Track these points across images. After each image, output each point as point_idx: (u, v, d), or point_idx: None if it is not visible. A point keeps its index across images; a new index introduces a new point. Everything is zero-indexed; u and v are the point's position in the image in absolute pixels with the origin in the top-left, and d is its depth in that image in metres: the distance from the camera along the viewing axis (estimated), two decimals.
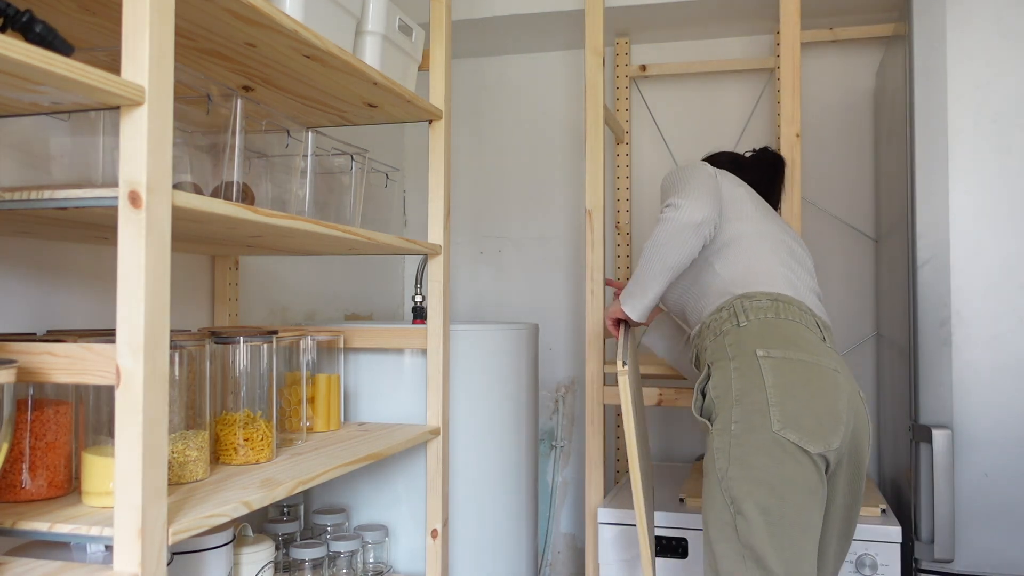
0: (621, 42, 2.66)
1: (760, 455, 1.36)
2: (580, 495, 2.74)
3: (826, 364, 1.43)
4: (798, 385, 1.39)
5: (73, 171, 1.13)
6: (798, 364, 1.41)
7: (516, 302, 2.84)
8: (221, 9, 1.11)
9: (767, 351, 1.43)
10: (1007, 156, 1.72)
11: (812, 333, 1.49)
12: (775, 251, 1.61)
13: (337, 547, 1.72)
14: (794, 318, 1.49)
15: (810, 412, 1.38)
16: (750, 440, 1.37)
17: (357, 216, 1.64)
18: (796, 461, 1.35)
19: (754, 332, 1.47)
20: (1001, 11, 1.73)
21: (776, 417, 1.37)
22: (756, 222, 1.64)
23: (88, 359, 0.93)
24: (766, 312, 1.49)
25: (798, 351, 1.43)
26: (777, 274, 1.57)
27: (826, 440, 1.37)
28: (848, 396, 1.43)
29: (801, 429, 1.36)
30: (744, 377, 1.42)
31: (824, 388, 1.40)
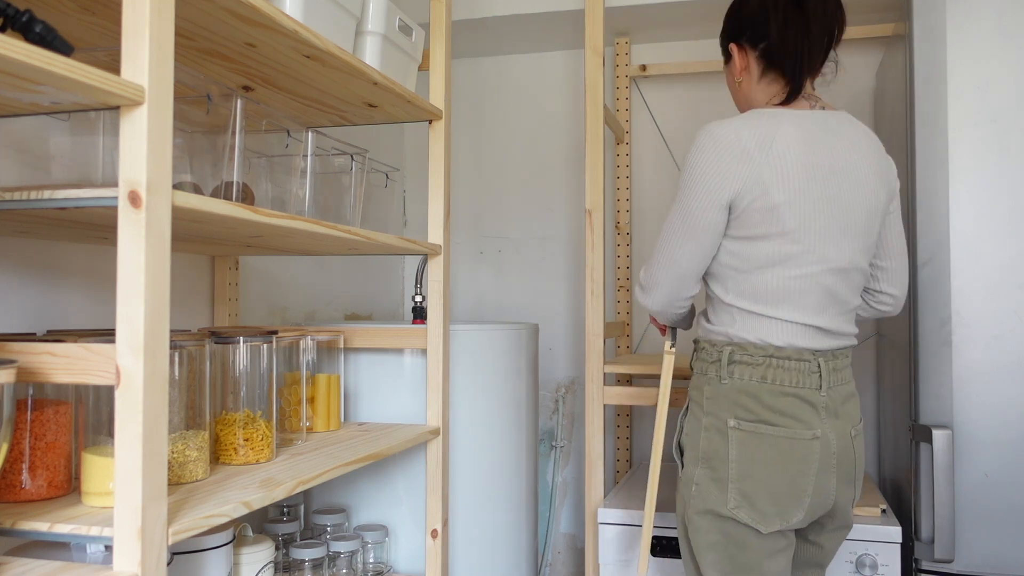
0: (621, 42, 2.66)
1: (714, 524, 1.39)
2: (580, 495, 2.74)
3: (802, 434, 1.37)
4: (761, 462, 1.36)
5: (73, 171, 1.13)
6: (766, 438, 1.37)
7: (516, 302, 2.84)
8: (221, 9, 1.11)
9: (738, 422, 1.38)
10: (1007, 156, 1.72)
11: (803, 401, 1.38)
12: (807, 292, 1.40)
13: (337, 547, 1.72)
14: (783, 381, 1.38)
15: (767, 494, 1.36)
16: (704, 507, 1.40)
17: (357, 216, 1.64)
18: (747, 536, 1.37)
19: (732, 395, 1.39)
20: (1001, 11, 1.73)
21: (732, 494, 1.37)
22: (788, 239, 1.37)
23: (88, 359, 0.93)
24: (752, 373, 1.39)
25: (771, 424, 1.37)
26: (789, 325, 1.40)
27: (782, 518, 1.37)
28: (823, 459, 1.38)
29: (754, 510, 1.36)
30: (712, 441, 1.40)
31: (790, 463, 1.36)
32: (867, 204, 1.43)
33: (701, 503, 1.40)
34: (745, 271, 1.40)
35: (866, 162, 1.44)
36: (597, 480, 2.07)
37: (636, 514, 1.97)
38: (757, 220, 1.37)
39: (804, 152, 1.37)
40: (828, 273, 1.40)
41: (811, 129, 1.39)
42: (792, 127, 1.38)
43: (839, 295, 1.43)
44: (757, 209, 1.36)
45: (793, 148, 1.36)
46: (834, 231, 1.40)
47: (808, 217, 1.37)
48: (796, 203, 1.36)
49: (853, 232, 1.42)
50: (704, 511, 1.40)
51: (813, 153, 1.38)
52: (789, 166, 1.36)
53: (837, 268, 1.41)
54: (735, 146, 1.36)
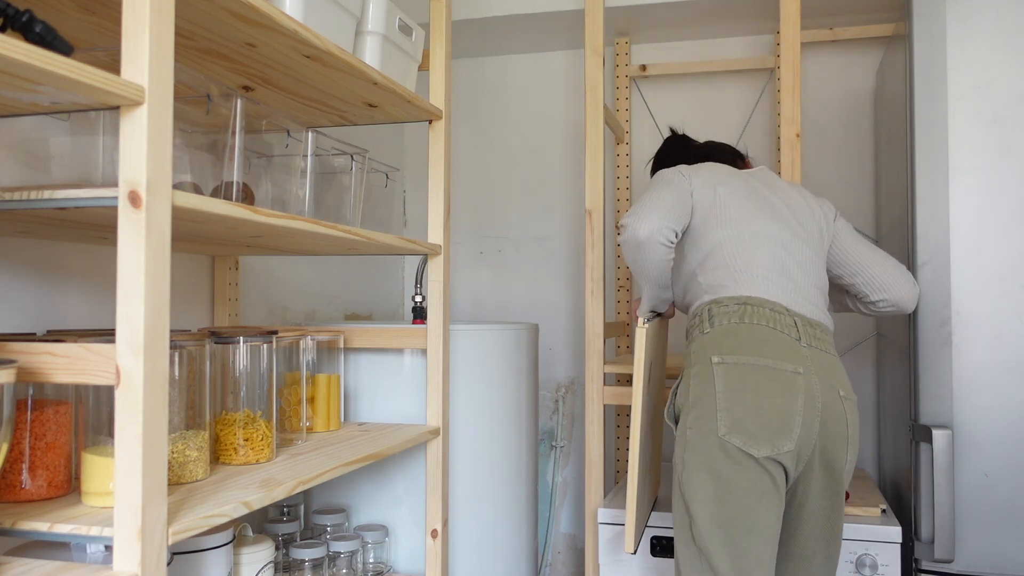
0: (621, 42, 2.66)
1: (708, 459, 1.41)
2: (580, 495, 2.74)
3: (784, 367, 1.44)
4: (746, 390, 1.42)
5: (73, 171, 1.13)
6: (749, 368, 1.44)
7: (516, 302, 2.84)
8: (221, 9, 1.11)
9: (721, 357, 1.46)
10: (1007, 156, 1.72)
11: (781, 335, 1.48)
12: (757, 251, 1.58)
13: (337, 547, 1.72)
14: (760, 320, 1.49)
15: (756, 416, 1.40)
16: (699, 445, 1.43)
17: (357, 216, 1.64)
18: (740, 465, 1.40)
19: (715, 338, 1.49)
20: (1001, 11, 1.73)
21: (722, 421, 1.41)
22: (741, 224, 1.61)
23: (88, 359, 0.93)
24: (730, 317, 1.50)
25: (754, 355, 1.45)
26: (755, 276, 1.55)
27: (773, 443, 1.40)
28: (808, 398, 1.44)
29: (745, 433, 1.40)
30: (699, 384, 1.47)
31: (775, 390, 1.42)
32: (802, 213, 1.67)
33: (695, 439, 1.44)
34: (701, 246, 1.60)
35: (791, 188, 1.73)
36: (597, 480, 2.07)
37: None
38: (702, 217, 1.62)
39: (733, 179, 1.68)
40: (775, 242, 1.58)
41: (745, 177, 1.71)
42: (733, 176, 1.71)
43: (792, 275, 1.57)
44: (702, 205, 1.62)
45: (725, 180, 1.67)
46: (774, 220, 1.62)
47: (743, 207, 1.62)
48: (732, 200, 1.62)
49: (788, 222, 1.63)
50: (696, 447, 1.43)
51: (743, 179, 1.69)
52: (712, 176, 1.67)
53: (781, 240, 1.59)
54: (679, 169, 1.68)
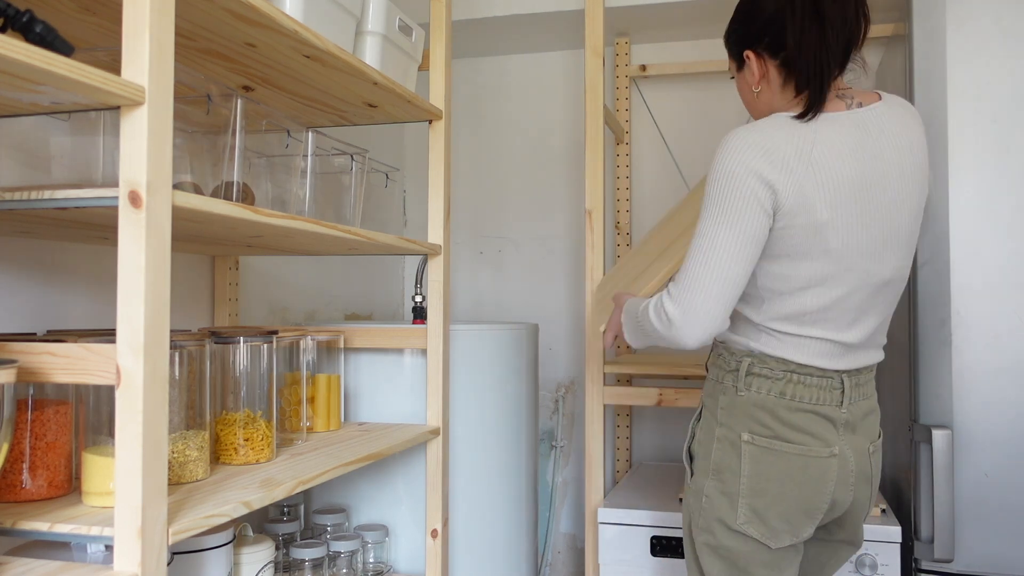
0: (621, 42, 2.66)
1: (722, 536, 1.35)
2: (580, 495, 2.74)
3: (819, 452, 1.32)
4: (775, 479, 1.31)
5: (73, 171, 1.13)
6: (782, 456, 1.31)
7: (516, 302, 2.84)
8: (221, 9, 1.11)
9: (753, 436, 1.32)
10: (1007, 156, 1.72)
11: (823, 408, 1.33)
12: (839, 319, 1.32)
13: (337, 547, 1.72)
14: (803, 396, 1.32)
15: (779, 511, 1.32)
16: (714, 520, 1.36)
17: (357, 216, 1.64)
18: (755, 549, 1.34)
19: (747, 408, 1.34)
20: (1001, 11, 1.73)
21: (742, 511, 1.33)
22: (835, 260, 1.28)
23: (88, 359, 0.93)
24: (771, 388, 1.33)
25: (789, 443, 1.31)
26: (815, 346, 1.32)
27: (794, 534, 1.33)
28: (840, 476, 1.34)
29: (764, 526, 1.32)
30: (725, 453, 1.35)
31: (805, 481, 1.31)
32: (910, 207, 1.33)
33: (711, 514, 1.36)
34: (783, 292, 1.30)
35: (910, 160, 1.32)
36: (597, 480, 2.07)
37: (636, 514, 1.97)
38: (799, 238, 1.26)
39: (846, 162, 1.26)
40: (868, 288, 1.32)
41: (852, 133, 1.28)
42: (831, 133, 1.26)
43: (875, 308, 1.35)
44: (800, 226, 1.25)
45: (835, 158, 1.25)
46: (878, 245, 1.30)
47: (851, 233, 1.27)
48: (840, 219, 1.25)
49: (896, 241, 1.32)
50: (713, 522, 1.36)
51: (857, 161, 1.26)
52: (832, 178, 1.24)
53: (879, 282, 1.32)
54: (772, 152, 1.24)
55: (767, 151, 1.24)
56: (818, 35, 1.28)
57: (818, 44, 1.29)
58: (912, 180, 1.32)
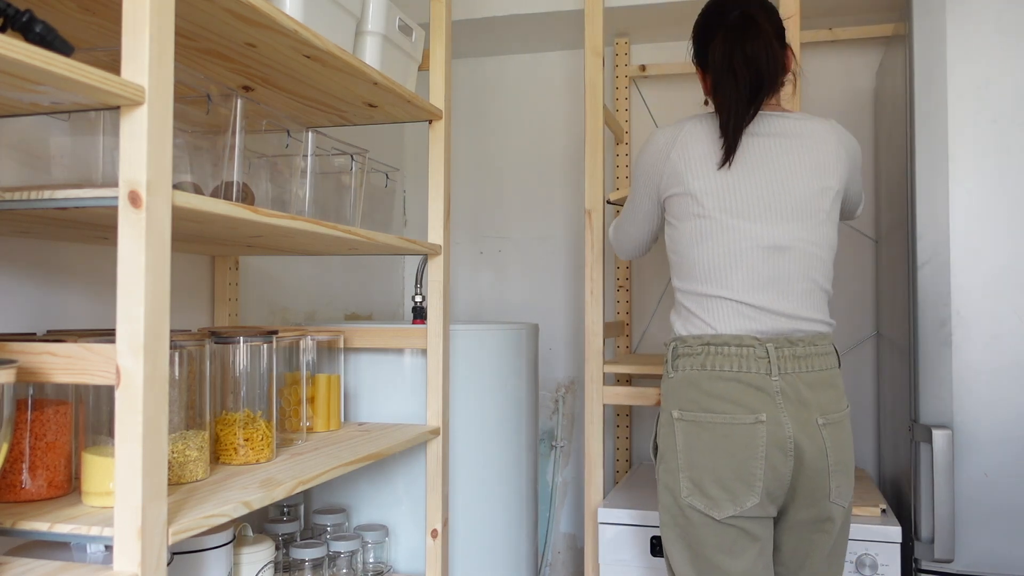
0: (621, 42, 2.66)
1: (677, 516, 1.45)
2: (580, 495, 2.74)
3: (743, 419, 1.39)
4: (705, 450, 1.41)
5: (73, 171, 1.13)
6: (706, 426, 1.42)
7: (516, 302, 2.84)
8: (221, 9, 1.11)
9: (681, 412, 1.45)
10: (1007, 156, 1.72)
11: (745, 376, 1.41)
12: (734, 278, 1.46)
13: (337, 547, 1.72)
14: (723, 365, 1.43)
15: (714, 478, 1.40)
16: (669, 502, 1.46)
17: (357, 216, 1.64)
18: (706, 525, 1.41)
19: (677, 387, 1.48)
20: (1001, 11, 1.73)
21: (684, 483, 1.43)
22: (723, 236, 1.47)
23: (88, 359, 0.93)
24: (693, 363, 1.46)
25: (711, 411, 1.42)
26: (726, 310, 1.46)
27: (735, 503, 1.39)
28: (773, 443, 1.38)
29: (705, 496, 1.41)
30: (666, 436, 1.49)
31: (734, 448, 1.39)
32: (800, 184, 1.48)
33: (665, 496, 1.47)
34: (677, 252, 1.53)
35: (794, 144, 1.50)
36: (597, 480, 2.07)
37: (636, 514, 1.97)
38: (680, 206, 1.52)
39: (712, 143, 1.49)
40: (757, 251, 1.46)
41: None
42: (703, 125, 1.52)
43: (778, 275, 1.46)
44: (679, 195, 1.51)
45: (701, 139, 1.50)
46: (755, 210, 1.47)
47: (722, 196, 1.47)
48: (708, 185, 1.48)
49: (782, 214, 1.47)
50: (667, 502, 1.47)
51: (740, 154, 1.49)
52: (697, 153, 1.49)
53: (768, 246, 1.46)
54: (656, 148, 1.55)
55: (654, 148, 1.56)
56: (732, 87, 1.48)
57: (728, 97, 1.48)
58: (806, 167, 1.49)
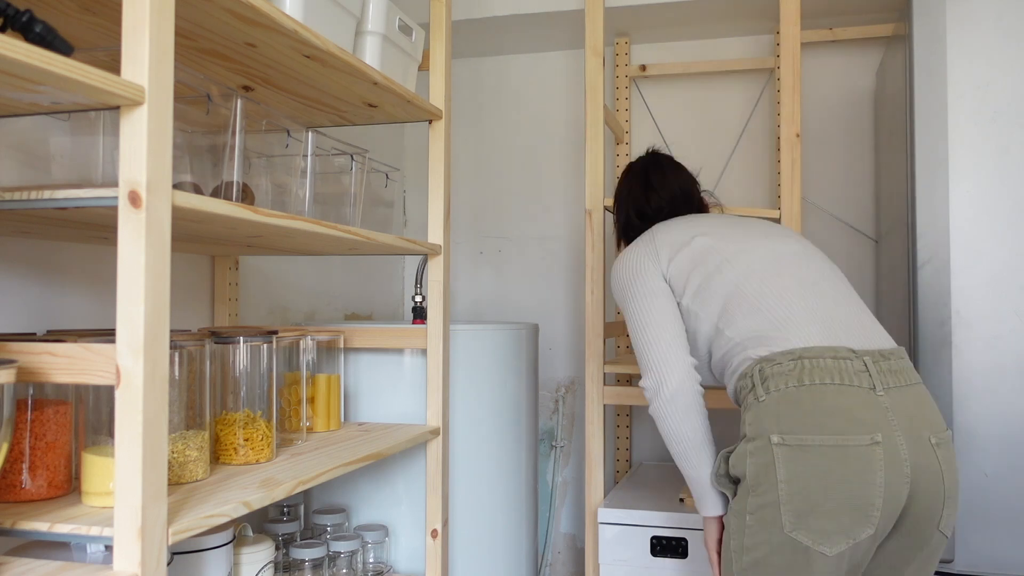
0: (621, 42, 2.66)
1: (772, 554, 1.26)
2: (580, 495, 2.74)
3: (859, 440, 1.23)
4: (813, 476, 1.23)
5: (73, 171, 1.13)
6: (816, 451, 1.24)
7: (516, 302, 2.84)
8: (221, 9, 1.11)
9: (782, 436, 1.26)
10: (1007, 156, 1.72)
11: (852, 390, 1.27)
12: (787, 287, 1.39)
13: (337, 547, 1.72)
14: (824, 378, 1.27)
15: (827, 509, 1.22)
16: (762, 537, 1.27)
17: (357, 216, 1.64)
18: (810, 563, 1.23)
19: (772, 409, 1.29)
20: (1001, 11, 1.73)
21: (787, 517, 1.24)
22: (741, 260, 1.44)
23: (88, 359, 0.93)
24: (787, 380, 1.29)
25: (820, 432, 1.24)
26: (797, 314, 1.35)
27: (849, 536, 1.22)
28: (891, 468, 1.23)
29: (815, 530, 1.22)
30: (758, 465, 1.28)
31: (849, 475, 1.22)
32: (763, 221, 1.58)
33: (757, 530, 1.28)
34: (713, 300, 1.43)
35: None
36: (597, 480, 2.07)
37: (636, 514, 1.97)
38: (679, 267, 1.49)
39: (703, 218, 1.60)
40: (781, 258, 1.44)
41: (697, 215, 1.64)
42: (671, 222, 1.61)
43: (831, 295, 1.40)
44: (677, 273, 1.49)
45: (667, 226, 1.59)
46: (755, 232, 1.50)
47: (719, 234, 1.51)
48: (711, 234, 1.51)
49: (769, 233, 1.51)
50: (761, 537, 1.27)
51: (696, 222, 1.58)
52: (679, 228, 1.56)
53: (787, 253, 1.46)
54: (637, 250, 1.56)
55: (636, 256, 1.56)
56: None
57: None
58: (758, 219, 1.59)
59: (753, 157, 2.61)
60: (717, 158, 2.64)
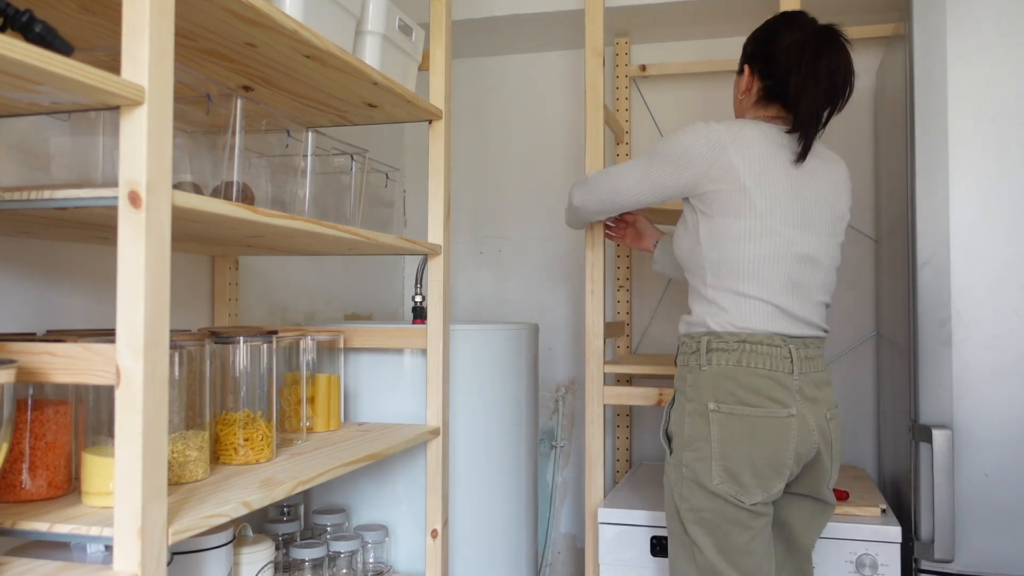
0: (621, 42, 2.66)
1: (704, 500, 1.49)
2: (580, 495, 2.74)
3: (778, 412, 1.48)
4: (740, 440, 1.47)
5: (73, 171, 1.13)
6: (743, 418, 1.48)
7: (516, 302, 2.84)
8: (221, 9, 1.11)
9: (717, 404, 1.50)
10: (1007, 156, 1.72)
11: (776, 375, 1.49)
12: (772, 282, 1.52)
13: (337, 547, 1.72)
14: (757, 363, 1.50)
15: (748, 466, 1.47)
16: (695, 486, 1.50)
17: (357, 216, 1.64)
18: (735, 508, 1.47)
19: (712, 380, 1.51)
20: (1001, 11, 1.73)
21: (716, 471, 1.48)
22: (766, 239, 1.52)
23: (88, 359, 0.93)
24: (728, 358, 1.51)
25: (748, 405, 1.48)
26: (761, 311, 1.52)
27: (764, 489, 1.47)
28: (801, 435, 1.49)
29: (737, 483, 1.47)
30: (695, 425, 1.52)
31: (768, 439, 1.47)
32: (829, 206, 1.59)
33: (691, 480, 1.51)
34: (717, 247, 1.54)
35: (827, 170, 1.60)
36: (597, 480, 2.07)
37: (636, 514, 1.97)
38: (728, 203, 1.52)
39: (768, 148, 1.53)
40: (793, 258, 1.53)
41: (777, 138, 1.56)
42: (759, 130, 1.55)
43: (804, 283, 1.55)
44: (727, 191, 1.52)
45: (759, 142, 1.53)
46: (798, 219, 1.54)
47: (775, 200, 1.52)
48: (763, 187, 1.51)
49: (816, 227, 1.56)
50: (692, 487, 1.50)
51: (778, 150, 1.54)
52: (755, 154, 1.52)
53: (803, 255, 1.54)
54: (713, 138, 1.54)
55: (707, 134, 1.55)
56: (812, 93, 1.53)
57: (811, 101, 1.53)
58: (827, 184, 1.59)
59: None
60: None
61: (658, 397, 2.06)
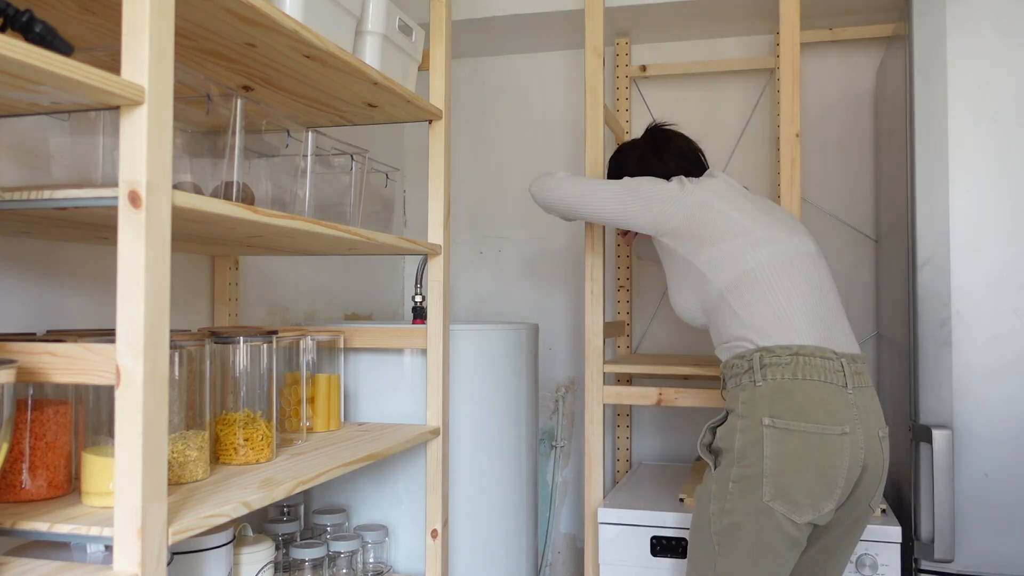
0: (621, 42, 2.66)
1: (748, 519, 1.45)
2: (580, 495, 2.74)
3: (833, 430, 1.45)
4: (795, 458, 1.44)
5: (73, 171, 1.13)
6: (800, 436, 1.45)
7: (516, 302, 2.84)
8: (221, 9, 1.11)
9: (772, 420, 1.46)
10: (1007, 156, 1.72)
11: (832, 388, 1.48)
12: (796, 285, 1.55)
13: (337, 547, 1.72)
14: (813, 375, 1.48)
15: (802, 485, 1.44)
16: (742, 503, 1.46)
17: (357, 216, 1.64)
18: (780, 527, 1.44)
19: (766, 395, 1.48)
20: (1001, 11, 1.73)
21: (768, 487, 1.44)
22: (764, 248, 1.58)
23: (88, 359, 0.93)
24: (783, 372, 1.48)
25: (805, 420, 1.45)
26: (801, 321, 1.53)
27: (816, 508, 1.44)
28: (853, 455, 1.46)
29: (790, 501, 1.43)
30: (747, 440, 1.48)
31: (822, 459, 1.44)
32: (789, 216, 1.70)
33: (738, 497, 1.46)
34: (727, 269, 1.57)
35: None
36: (597, 480, 2.07)
37: (636, 514, 1.97)
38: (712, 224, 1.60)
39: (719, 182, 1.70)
40: (804, 256, 1.58)
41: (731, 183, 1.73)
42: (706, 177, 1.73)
43: (827, 299, 1.58)
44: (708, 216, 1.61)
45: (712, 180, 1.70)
46: (784, 227, 1.62)
47: (754, 216, 1.61)
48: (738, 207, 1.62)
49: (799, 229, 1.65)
50: (741, 504, 1.46)
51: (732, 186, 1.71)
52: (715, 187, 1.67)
53: (807, 252, 1.59)
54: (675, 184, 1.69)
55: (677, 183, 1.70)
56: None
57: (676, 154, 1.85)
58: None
59: (753, 157, 2.61)
60: (717, 158, 2.64)
61: (658, 397, 2.06)
